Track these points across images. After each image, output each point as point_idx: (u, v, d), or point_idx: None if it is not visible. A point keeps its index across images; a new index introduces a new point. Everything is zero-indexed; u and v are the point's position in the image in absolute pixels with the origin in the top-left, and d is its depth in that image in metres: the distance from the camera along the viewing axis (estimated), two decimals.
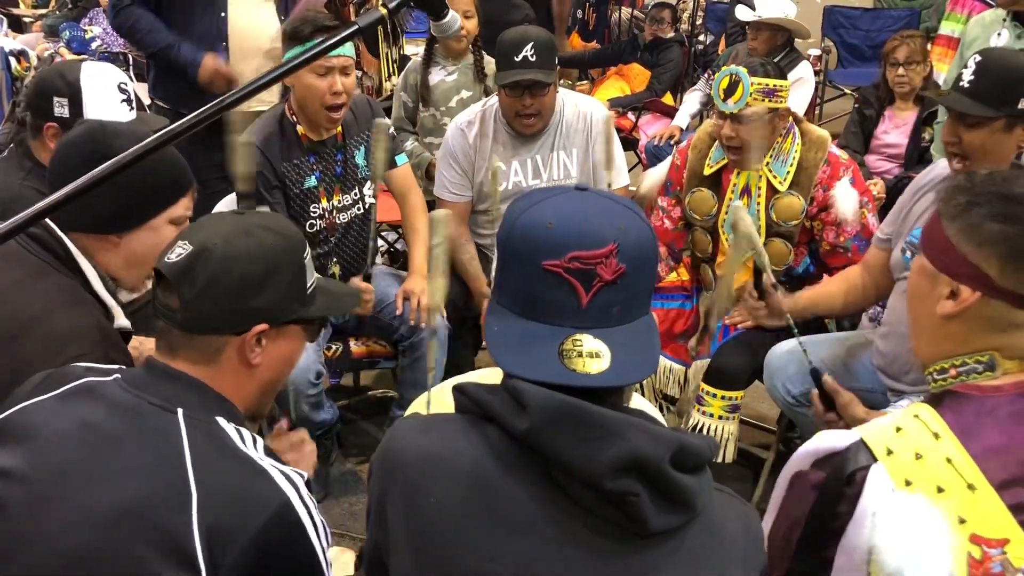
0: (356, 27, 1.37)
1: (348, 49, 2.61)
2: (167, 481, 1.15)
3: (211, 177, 3.18)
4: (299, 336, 1.39)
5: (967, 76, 2.09)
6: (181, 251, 1.27)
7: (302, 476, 1.23)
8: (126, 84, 2.31)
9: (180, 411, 1.21)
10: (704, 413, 2.67)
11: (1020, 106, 2.03)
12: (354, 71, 2.66)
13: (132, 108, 2.31)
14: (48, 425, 1.22)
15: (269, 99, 3.25)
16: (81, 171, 1.31)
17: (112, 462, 1.17)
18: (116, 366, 1.34)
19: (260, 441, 1.25)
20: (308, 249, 1.38)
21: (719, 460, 2.69)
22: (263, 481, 1.19)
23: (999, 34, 3.20)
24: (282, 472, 1.21)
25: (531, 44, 2.75)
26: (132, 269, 1.69)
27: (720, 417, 2.66)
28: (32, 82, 2.38)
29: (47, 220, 1.62)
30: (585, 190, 1.13)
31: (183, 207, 1.71)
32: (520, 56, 2.75)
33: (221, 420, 1.24)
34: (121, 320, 1.67)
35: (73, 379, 1.28)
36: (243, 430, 1.25)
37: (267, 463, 1.21)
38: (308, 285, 1.36)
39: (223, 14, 3.15)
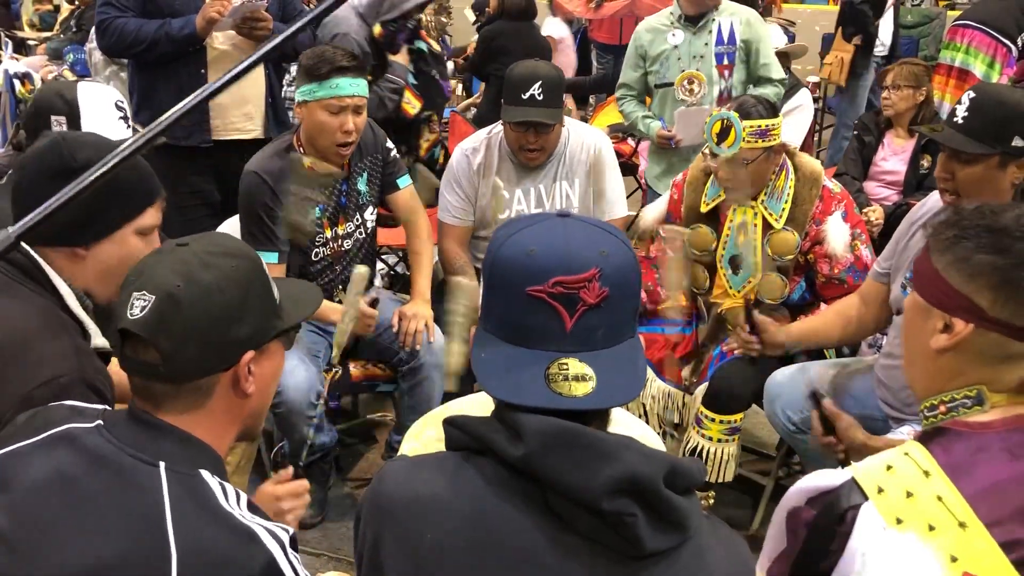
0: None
1: (362, 89, 2.63)
2: (146, 542, 1.10)
3: (190, 204, 3.20)
4: (280, 349, 1.34)
5: (961, 112, 2.10)
6: (143, 303, 1.18)
7: (287, 531, 1.18)
8: (122, 102, 2.32)
9: (162, 465, 1.16)
10: (703, 436, 2.67)
11: (1014, 143, 2.04)
12: (365, 110, 2.68)
13: (129, 126, 2.32)
14: (27, 477, 1.18)
15: (251, 128, 3.29)
16: (46, 185, 1.28)
17: (91, 520, 1.13)
18: (100, 408, 1.30)
19: (244, 497, 1.19)
20: (263, 262, 1.32)
21: (719, 480, 2.68)
22: (247, 541, 1.13)
23: (673, 34, 3.73)
24: (267, 529, 1.15)
25: (540, 83, 2.76)
26: (102, 283, 1.63)
27: (719, 440, 2.66)
28: (30, 104, 2.39)
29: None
30: (567, 216, 1.14)
31: (151, 217, 1.66)
32: (528, 94, 2.76)
33: (205, 474, 1.18)
34: (98, 340, 1.63)
35: (57, 423, 1.23)
36: (227, 485, 1.19)
37: (251, 521, 1.15)
38: (276, 297, 1.32)
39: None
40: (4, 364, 1.46)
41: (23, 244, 1.58)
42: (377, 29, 3.62)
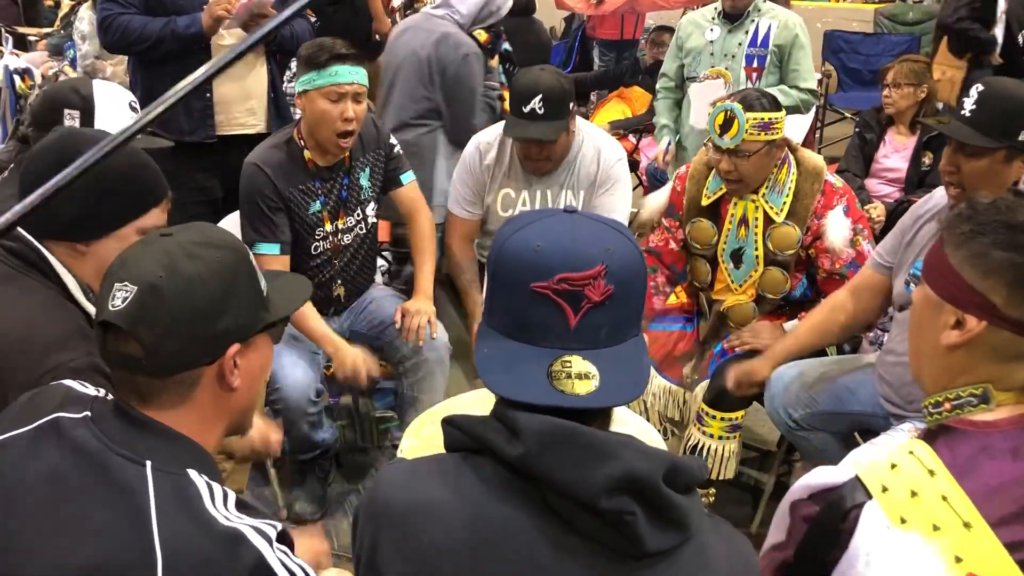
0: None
1: (361, 77, 2.63)
2: (131, 543, 1.08)
3: (191, 200, 3.19)
4: (267, 343, 1.31)
5: (968, 105, 2.09)
6: (125, 294, 1.16)
7: (275, 526, 1.16)
8: (135, 103, 2.31)
9: (148, 464, 1.14)
10: (704, 433, 2.67)
11: (1021, 138, 2.03)
12: (365, 98, 2.68)
13: None
14: (13, 472, 1.17)
15: (254, 123, 3.27)
16: (51, 177, 1.29)
17: (76, 519, 1.11)
18: (92, 393, 1.28)
19: (232, 496, 1.17)
20: (250, 252, 1.30)
21: (720, 477, 2.68)
22: (233, 542, 1.11)
23: (711, 30, 3.83)
24: (253, 528, 1.13)
25: (540, 96, 2.71)
26: (100, 279, 1.64)
27: (720, 437, 2.66)
28: (40, 97, 2.37)
29: (21, 231, 1.58)
30: (574, 212, 1.14)
31: (154, 218, 1.65)
32: (528, 108, 2.72)
33: (192, 473, 1.16)
34: None
35: (51, 408, 1.22)
36: (214, 484, 1.17)
37: (238, 521, 1.13)
38: (263, 289, 1.28)
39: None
40: (11, 353, 1.47)
41: (27, 236, 1.59)
42: (483, 36, 3.63)
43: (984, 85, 2.11)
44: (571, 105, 2.81)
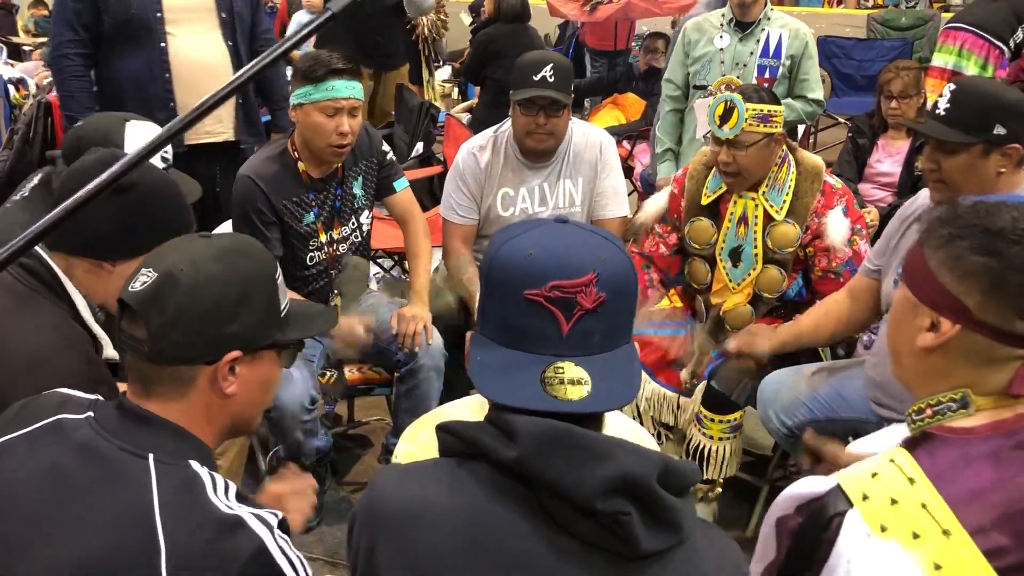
0: (330, 13, 1.33)
1: (357, 91, 2.64)
2: (135, 534, 1.11)
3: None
4: (275, 362, 1.34)
5: (943, 104, 2.12)
6: (146, 279, 1.22)
7: (276, 515, 1.18)
8: (168, 153, 2.27)
9: (151, 457, 1.17)
10: (704, 435, 2.68)
11: (995, 132, 2.06)
12: (360, 112, 2.68)
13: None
14: (17, 469, 1.19)
15: (221, 130, 3.26)
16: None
17: (80, 513, 1.14)
18: (91, 397, 1.31)
19: (232, 486, 1.20)
20: (279, 271, 1.33)
21: (721, 475, 2.69)
22: (235, 529, 1.14)
23: (721, 36, 3.74)
24: (255, 515, 1.16)
25: (551, 65, 2.79)
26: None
27: (720, 439, 2.67)
28: (73, 134, 2.33)
29: (36, 248, 1.59)
30: (565, 222, 1.15)
31: None
32: (539, 75, 2.79)
33: (194, 464, 1.19)
34: (109, 351, 1.65)
35: (47, 414, 1.25)
36: (216, 475, 1.20)
37: (239, 509, 1.16)
38: (281, 308, 1.32)
39: (163, 44, 3.13)
40: (18, 377, 1.47)
41: (41, 254, 1.60)
42: None
43: (956, 84, 2.15)
44: (571, 87, 2.88)
